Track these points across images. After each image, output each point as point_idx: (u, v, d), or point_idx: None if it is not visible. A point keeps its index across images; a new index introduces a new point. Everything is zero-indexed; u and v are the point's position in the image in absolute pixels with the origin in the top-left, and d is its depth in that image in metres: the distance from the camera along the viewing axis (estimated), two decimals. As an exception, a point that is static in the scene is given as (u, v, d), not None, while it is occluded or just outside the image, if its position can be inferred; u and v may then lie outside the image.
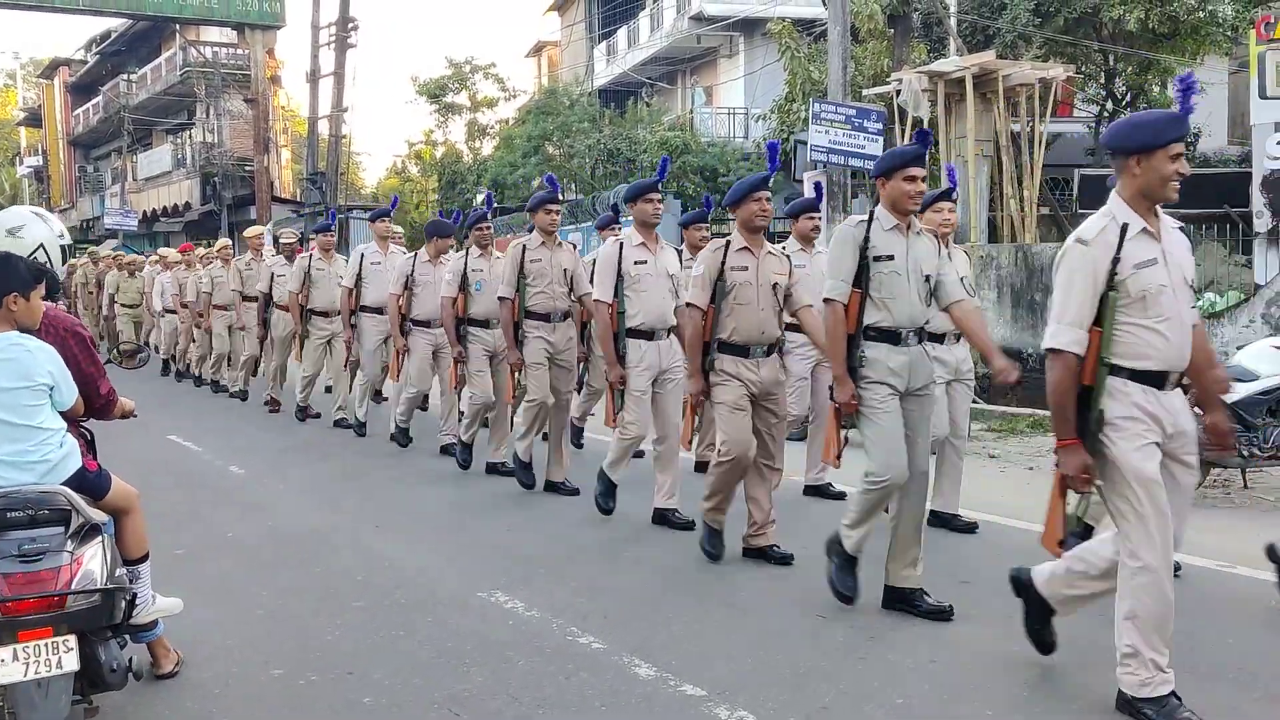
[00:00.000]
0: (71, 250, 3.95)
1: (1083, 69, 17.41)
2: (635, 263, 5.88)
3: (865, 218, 4.35)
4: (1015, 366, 4.11)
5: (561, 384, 6.73)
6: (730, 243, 5.10)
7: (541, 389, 6.60)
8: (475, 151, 31.63)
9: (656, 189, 5.94)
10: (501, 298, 6.66)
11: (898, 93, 13.44)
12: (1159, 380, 3.35)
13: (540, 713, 3.53)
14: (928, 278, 4.34)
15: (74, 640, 3.08)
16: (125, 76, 36.23)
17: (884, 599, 4.46)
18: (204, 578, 5.02)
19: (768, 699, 3.58)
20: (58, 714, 3.06)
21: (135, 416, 3.92)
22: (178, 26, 30.59)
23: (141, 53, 36.97)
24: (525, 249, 6.60)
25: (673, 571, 5.10)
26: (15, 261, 3.35)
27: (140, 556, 3.62)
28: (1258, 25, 11.24)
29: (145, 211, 34.83)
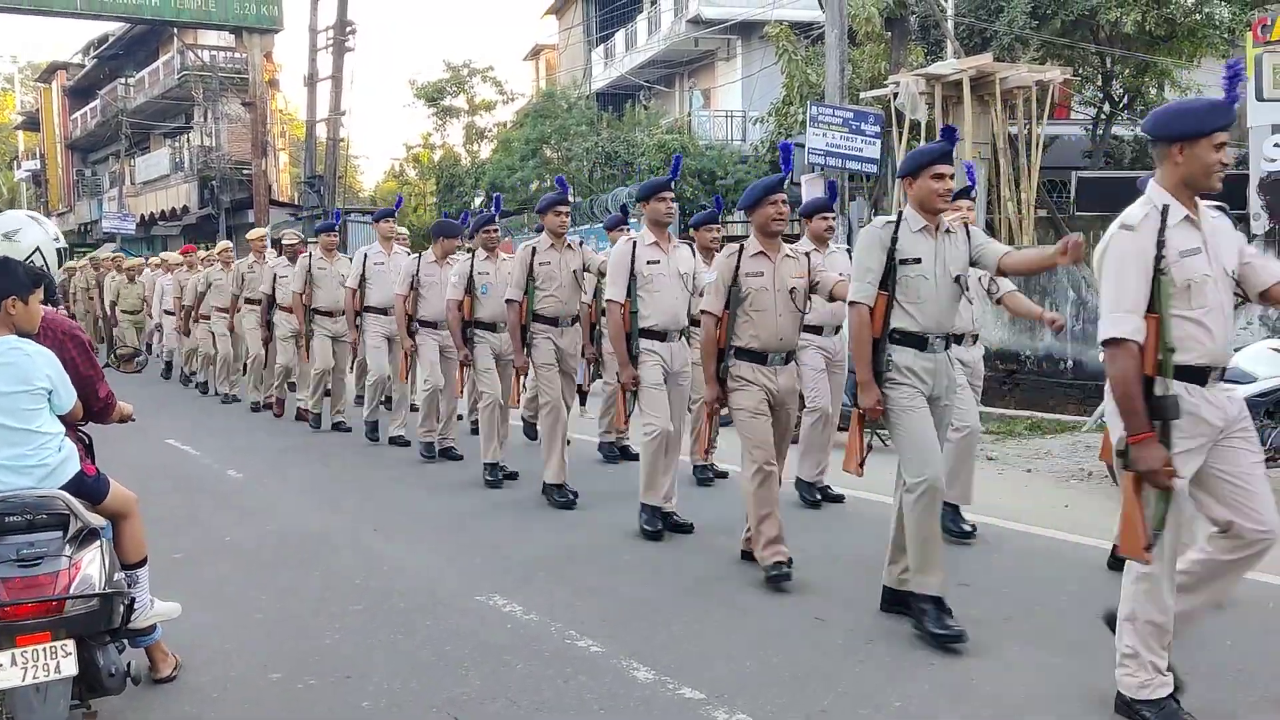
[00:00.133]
0: (68, 254, 3.96)
1: (1080, 71, 17.44)
2: (648, 262, 5.77)
3: (893, 219, 4.20)
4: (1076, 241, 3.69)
5: (566, 390, 6.71)
6: (744, 248, 4.97)
7: (554, 392, 6.56)
8: (473, 155, 31.67)
9: (669, 187, 5.82)
10: (509, 300, 6.61)
11: (895, 95, 13.48)
12: (1201, 376, 3.22)
13: (539, 716, 3.53)
14: (957, 279, 4.19)
15: (72, 645, 3.08)
16: (123, 80, 36.17)
17: (882, 601, 4.43)
18: (202, 581, 5.02)
19: (766, 701, 3.58)
20: (56, 719, 3.07)
21: (133, 420, 3.92)
22: (175, 30, 30.59)
23: (139, 56, 36.95)
24: (535, 251, 6.54)
25: (671, 574, 5.10)
26: (13, 265, 3.35)
27: (138, 561, 3.63)
28: (1254, 27, 11.26)
29: (143, 215, 34.78)
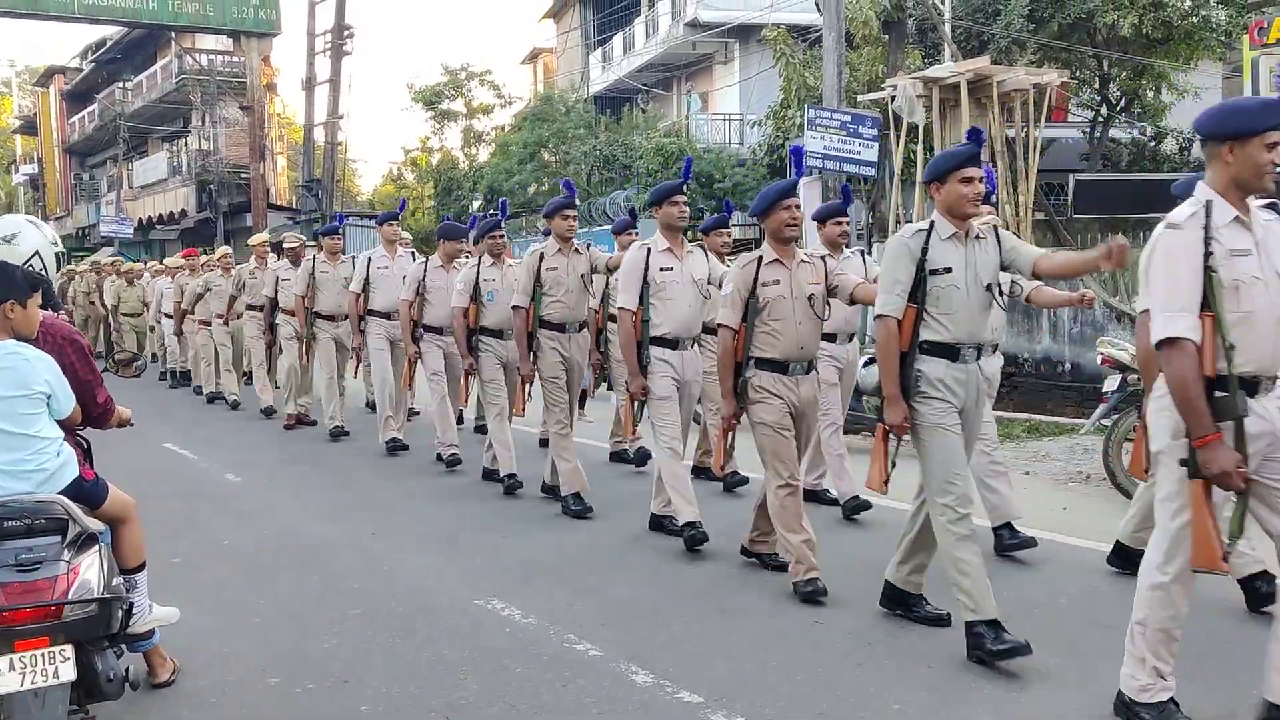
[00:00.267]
0: (66, 258, 3.96)
1: (1077, 74, 17.48)
2: (662, 269, 5.61)
3: (924, 227, 4.02)
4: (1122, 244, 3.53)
5: (570, 395, 6.65)
6: (761, 257, 4.81)
7: (563, 402, 6.49)
8: (471, 158, 31.74)
9: (681, 191, 5.65)
10: (515, 306, 6.50)
11: (892, 98, 13.47)
12: (1251, 385, 3.09)
13: (537, 719, 3.53)
14: (989, 286, 4.03)
15: (71, 650, 3.07)
16: (121, 84, 36.20)
17: (883, 596, 4.41)
18: (201, 586, 5.02)
19: (765, 705, 3.59)
20: (54, 724, 3.06)
21: (132, 425, 3.93)
22: (173, 34, 30.62)
23: (137, 60, 36.93)
24: (542, 256, 6.45)
25: (669, 578, 5.10)
26: (12, 270, 3.34)
27: (137, 565, 3.63)
28: (1251, 30, 11.30)
29: (141, 219, 34.78)
